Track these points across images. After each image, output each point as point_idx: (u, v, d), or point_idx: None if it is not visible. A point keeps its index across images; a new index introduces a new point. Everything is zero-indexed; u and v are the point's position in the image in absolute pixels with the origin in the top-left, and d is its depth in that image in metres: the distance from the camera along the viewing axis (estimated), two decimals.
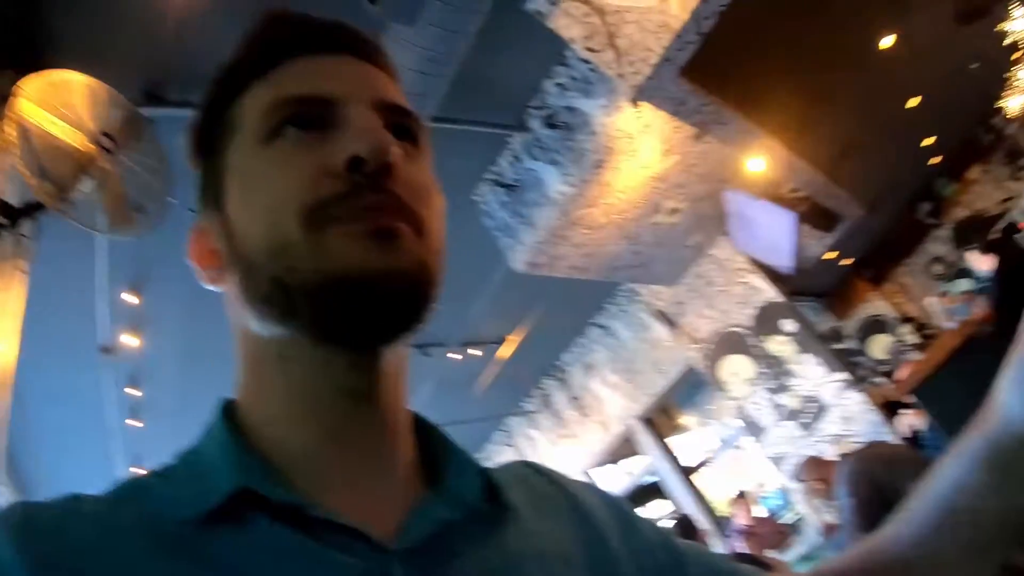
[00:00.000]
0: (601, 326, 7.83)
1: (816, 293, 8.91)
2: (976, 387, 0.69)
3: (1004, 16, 8.08)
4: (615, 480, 8.64)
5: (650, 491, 8.51)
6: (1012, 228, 7.23)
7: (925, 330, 8.72)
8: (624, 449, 8.27)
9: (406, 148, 0.64)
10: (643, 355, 7.52)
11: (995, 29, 8.23)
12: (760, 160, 5.25)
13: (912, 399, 5.09)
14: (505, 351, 6.76)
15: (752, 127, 4.83)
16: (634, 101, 3.66)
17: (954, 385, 4.42)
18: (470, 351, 6.48)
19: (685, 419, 9.49)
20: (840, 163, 6.62)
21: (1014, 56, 8.89)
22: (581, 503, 0.74)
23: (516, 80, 4.50)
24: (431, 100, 3.64)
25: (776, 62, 5.29)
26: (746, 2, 3.83)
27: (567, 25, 3.72)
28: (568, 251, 5.14)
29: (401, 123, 0.65)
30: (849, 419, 5.82)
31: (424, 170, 0.66)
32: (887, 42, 6.37)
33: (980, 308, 6.15)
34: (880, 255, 9.73)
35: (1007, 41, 8.40)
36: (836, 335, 8.71)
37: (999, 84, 9.27)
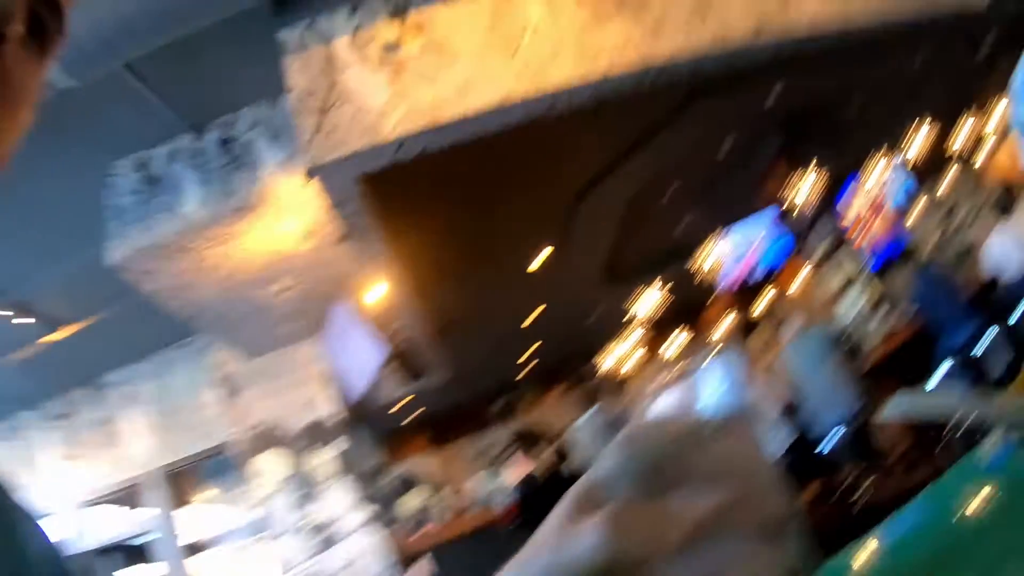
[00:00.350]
0: (162, 363, 7.28)
1: (378, 429, 9.16)
2: (484, 566, 0.72)
3: (636, 294, 9.45)
4: (110, 525, 7.84)
5: (140, 551, 7.84)
6: (561, 452, 8.15)
7: (457, 501, 9.30)
8: (132, 497, 7.59)
9: (31, 43, 0.54)
10: (191, 412, 7.06)
11: (624, 303, 9.58)
12: (383, 288, 5.42)
13: (426, 555, 5.33)
14: (55, 335, 6.02)
15: (392, 259, 5.00)
16: (308, 175, 3.63)
17: (466, 556, 4.76)
18: (17, 317, 5.66)
19: (208, 493, 9.04)
20: (450, 329, 7.06)
21: (625, 330, 10.38)
22: (17, 534, 0.61)
23: (225, 85, 4.29)
24: (136, 46, 3.32)
25: (440, 222, 5.63)
26: (448, 162, 4.06)
27: (298, 71, 3.67)
28: (165, 273, 4.81)
29: (43, 18, 0.55)
30: (363, 553, 5.92)
31: (33, 77, 0.56)
32: (538, 260, 7.13)
33: (507, 503, 6.71)
34: (447, 423, 10.37)
35: (627, 316, 9.78)
36: (378, 474, 8.95)
37: (604, 343, 10.72)
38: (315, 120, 3.55)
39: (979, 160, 10.01)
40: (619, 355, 10.70)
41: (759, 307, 11.97)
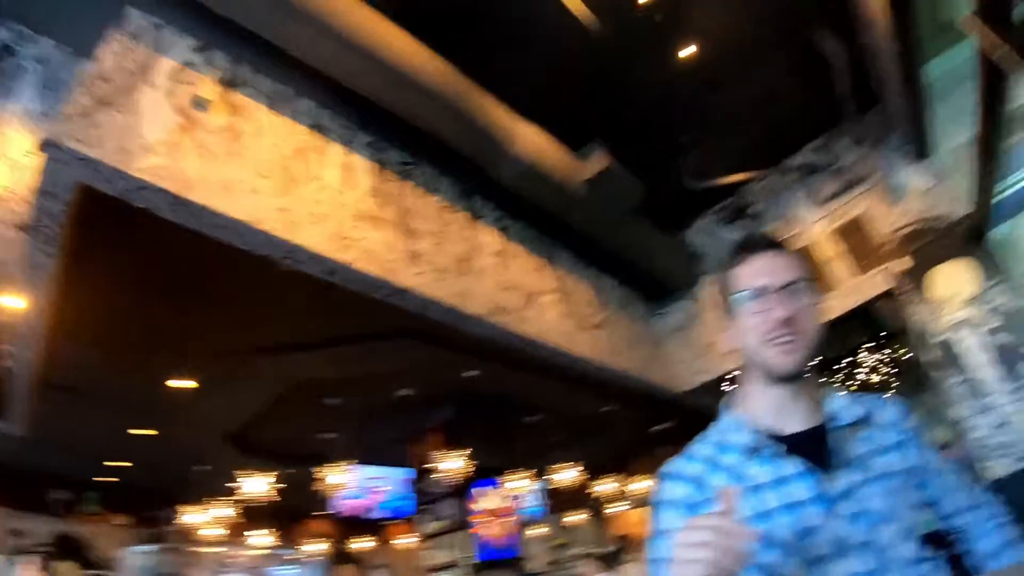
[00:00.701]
0: None
1: None
2: None
3: (250, 471, 9.22)
4: None
5: None
6: None
7: None
8: None
9: None
10: None
11: (235, 472, 9.24)
12: (21, 303, 4.89)
13: None
14: None
15: (52, 284, 4.54)
16: (42, 146, 3.35)
17: None
18: None
19: None
20: (57, 391, 6.47)
21: (223, 498, 9.99)
22: None
23: (51, 3, 3.88)
24: None
25: (122, 285, 5.40)
26: (171, 237, 3.92)
27: (112, 51, 3.49)
28: None
29: None
30: None
31: None
32: (181, 383, 7.00)
33: None
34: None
35: (232, 485, 9.41)
36: None
37: (197, 498, 10.23)
38: (89, 104, 3.30)
39: (609, 512, 11.14)
40: (206, 517, 10.16)
41: (358, 544, 12.00)
